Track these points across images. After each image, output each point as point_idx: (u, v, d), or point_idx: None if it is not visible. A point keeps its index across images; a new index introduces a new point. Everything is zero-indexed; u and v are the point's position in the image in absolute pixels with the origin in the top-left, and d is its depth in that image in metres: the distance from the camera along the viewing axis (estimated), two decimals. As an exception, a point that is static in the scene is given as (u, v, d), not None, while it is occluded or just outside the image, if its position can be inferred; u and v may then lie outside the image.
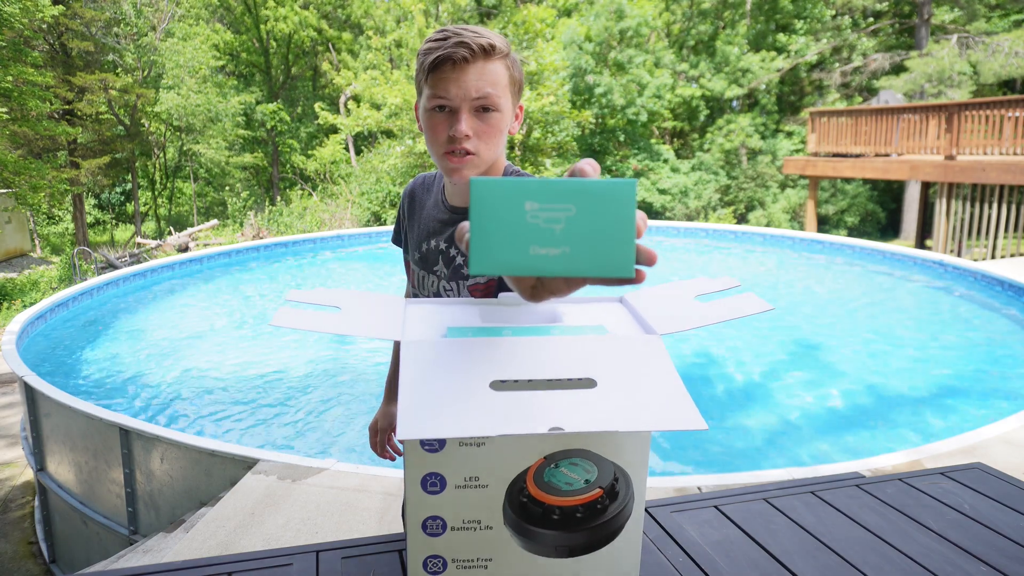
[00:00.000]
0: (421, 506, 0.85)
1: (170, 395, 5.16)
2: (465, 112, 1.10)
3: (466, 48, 1.07)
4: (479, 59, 1.08)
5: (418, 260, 1.31)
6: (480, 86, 1.09)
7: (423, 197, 1.34)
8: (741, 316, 0.96)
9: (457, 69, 1.08)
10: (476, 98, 1.09)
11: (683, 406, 0.76)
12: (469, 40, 1.08)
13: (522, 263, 0.57)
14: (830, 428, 4.46)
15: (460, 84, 1.08)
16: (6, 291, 10.18)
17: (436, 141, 1.13)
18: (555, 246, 0.57)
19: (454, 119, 1.10)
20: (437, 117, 1.12)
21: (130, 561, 2.80)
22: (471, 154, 1.12)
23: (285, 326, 0.89)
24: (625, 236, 0.58)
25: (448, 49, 1.07)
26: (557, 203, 0.56)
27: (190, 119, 16.85)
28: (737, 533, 1.15)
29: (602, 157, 17.48)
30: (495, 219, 0.56)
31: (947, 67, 15.12)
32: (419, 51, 1.13)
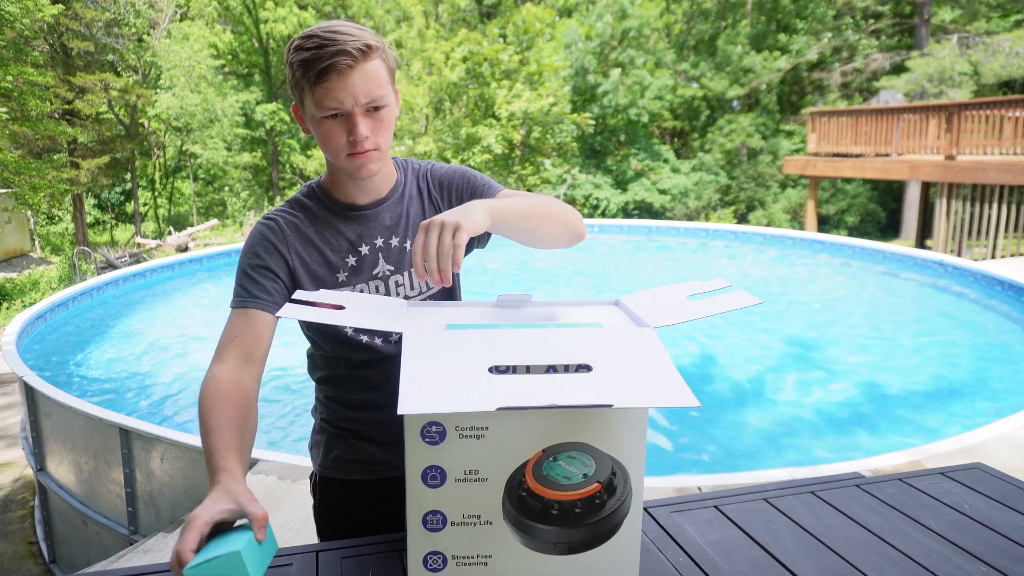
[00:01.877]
0: (422, 501, 0.85)
1: (170, 395, 5.16)
2: (359, 116, 1.11)
3: (347, 56, 1.07)
4: (360, 62, 1.09)
5: (345, 280, 1.24)
6: (368, 89, 1.10)
7: (303, 227, 1.24)
8: (731, 309, 0.96)
9: (343, 77, 1.08)
10: (367, 102, 1.11)
11: (676, 386, 0.77)
12: (347, 45, 1.07)
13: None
14: (830, 428, 4.46)
15: (349, 91, 1.09)
16: (6, 291, 10.18)
17: (335, 146, 1.14)
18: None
19: (349, 124, 1.12)
20: (330, 124, 1.13)
21: (130, 561, 2.80)
22: (373, 149, 1.15)
23: (291, 317, 0.89)
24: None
25: (329, 60, 1.07)
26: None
27: (188, 119, 16.84)
28: (737, 533, 1.15)
29: (602, 157, 17.48)
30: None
31: (947, 67, 15.12)
32: (291, 57, 1.11)
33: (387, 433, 1.32)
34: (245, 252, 1.23)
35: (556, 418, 0.84)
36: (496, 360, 0.81)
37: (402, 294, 1.28)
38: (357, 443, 1.34)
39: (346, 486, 1.37)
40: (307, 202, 1.27)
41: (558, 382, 0.77)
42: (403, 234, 1.28)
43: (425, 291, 1.29)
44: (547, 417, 0.83)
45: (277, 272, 1.21)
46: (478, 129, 15.41)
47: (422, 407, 0.72)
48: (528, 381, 0.77)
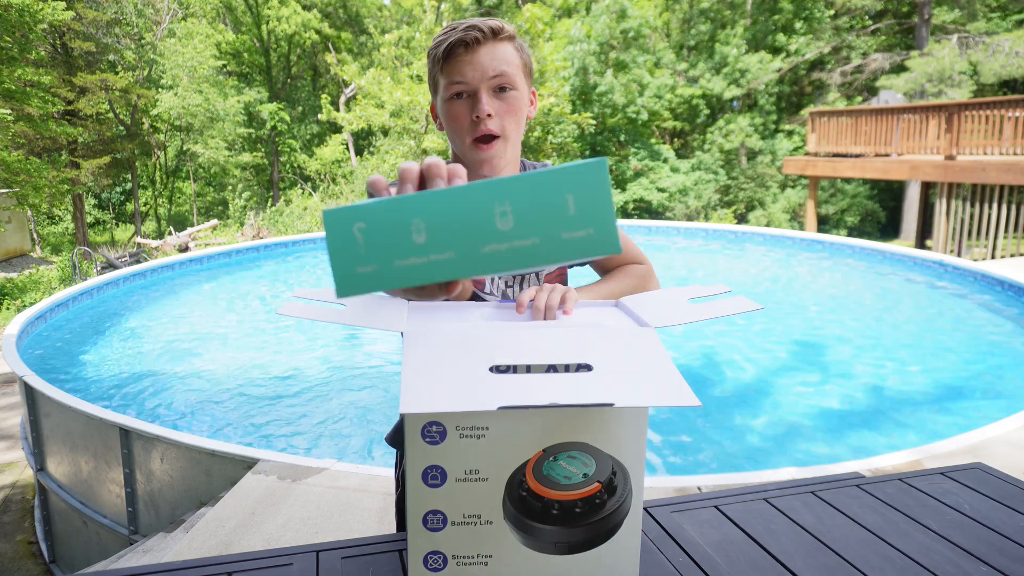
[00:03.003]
0: (422, 500, 0.85)
1: (170, 395, 5.16)
2: (484, 93, 1.10)
3: (476, 30, 1.09)
4: (489, 40, 1.10)
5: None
6: (495, 65, 1.10)
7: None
8: (732, 313, 0.97)
9: (470, 51, 1.09)
10: (493, 76, 1.10)
11: (677, 385, 0.77)
12: (479, 24, 1.10)
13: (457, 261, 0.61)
14: (830, 428, 4.46)
15: (475, 65, 1.09)
16: (6, 291, 10.18)
17: (459, 129, 1.13)
18: (507, 240, 0.60)
19: (474, 101, 1.11)
20: (457, 105, 1.12)
21: (130, 561, 2.80)
22: (497, 137, 1.12)
23: (292, 315, 0.89)
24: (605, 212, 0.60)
25: (459, 34, 1.09)
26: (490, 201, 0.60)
27: (189, 119, 16.85)
28: (737, 533, 1.15)
29: (603, 157, 17.48)
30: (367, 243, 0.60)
31: (947, 67, 15.12)
32: (429, 50, 1.14)
33: None
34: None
35: (557, 418, 0.84)
36: (497, 359, 0.81)
37: (512, 294, 1.26)
38: None
39: None
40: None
41: (559, 381, 0.78)
42: None
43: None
44: (547, 417, 0.83)
45: None
46: (479, 128, 15.38)
47: (423, 407, 0.72)
48: (529, 380, 0.77)
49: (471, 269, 0.60)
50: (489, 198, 0.59)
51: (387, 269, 0.60)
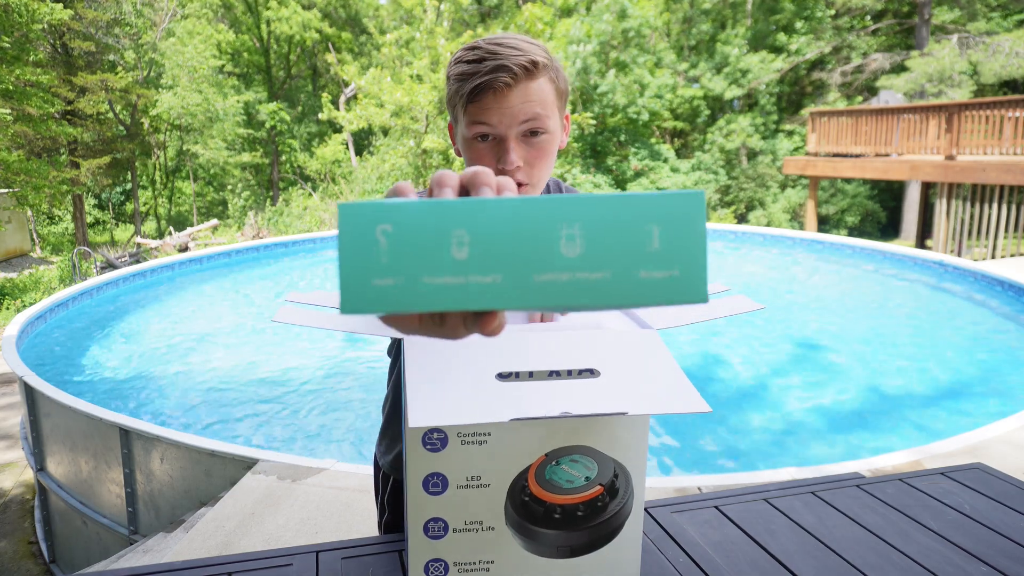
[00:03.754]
0: (423, 508, 0.85)
1: (170, 395, 5.16)
2: (512, 141, 0.99)
3: (507, 72, 0.96)
4: (522, 80, 0.97)
5: None
6: (526, 109, 0.98)
7: None
8: (734, 314, 0.96)
9: (499, 96, 0.97)
10: (523, 122, 0.99)
11: (686, 391, 0.77)
12: (508, 61, 0.96)
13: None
14: (830, 428, 4.46)
15: (504, 112, 0.97)
16: (6, 291, 10.18)
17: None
18: (570, 270, 0.48)
19: (501, 149, 0.99)
20: (481, 147, 1.01)
21: (130, 561, 2.80)
22: (523, 185, 1.03)
23: (287, 322, 0.89)
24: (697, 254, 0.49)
25: (486, 76, 0.96)
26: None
27: (189, 119, 16.85)
28: (737, 533, 1.15)
29: (602, 157, 17.48)
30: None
31: (947, 67, 15.12)
32: (450, 70, 1.02)
33: None
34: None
35: (559, 423, 0.84)
36: (502, 366, 0.81)
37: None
38: None
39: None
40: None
41: (568, 389, 0.77)
42: None
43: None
44: (550, 422, 0.83)
45: None
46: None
47: (433, 419, 0.71)
48: (537, 388, 0.77)
49: (520, 299, 0.49)
50: (556, 216, 0.48)
51: (412, 285, 0.47)
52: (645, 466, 0.88)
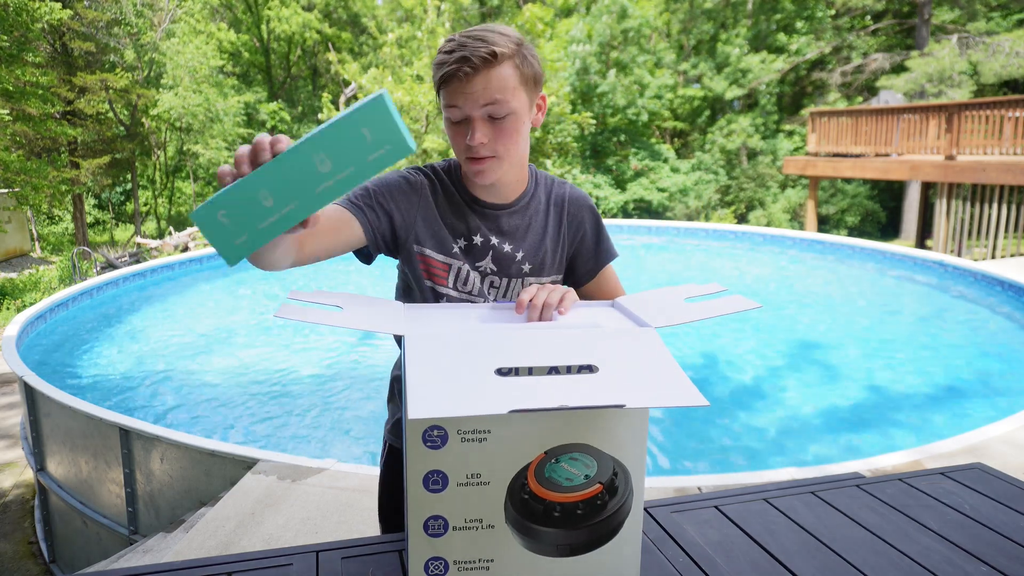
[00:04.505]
0: (423, 506, 0.84)
1: (170, 395, 5.16)
2: (478, 121, 1.14)
3: (467, 63, 1.11)
4: (482, 69, 1.11)
5: (458, 253, 1.27)
6: (488, 95, 1.12)
7: (440, 194, 1.30)
8: (731, 312, 0.96)
9: (464, 82, 1.12)
10: (484, 105, 1.13)
11: (684, 386, 0.77)
12: (471, 53, 1.11)
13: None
14: (830, 428, 4.46)
15: (467, 96, 1.13)
16: (6, 291, 10.18)
17: (457, 148, 1.19)
18: (331, 178, 0.78)
19: (469, 128, 1.15)
20: (455, 128, 1.17)
21: (130, 561, 2.80)
22: (491, 157, 1.18)
23: (289, 318, 0.89)
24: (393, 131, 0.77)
25: (452, 66, 1.11)
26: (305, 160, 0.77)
27: (189, 119, 16.85)
28: (737, 533, 1.15)
29: (603, 157, 17.48)
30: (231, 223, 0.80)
31: (947, 67, 15.11)
32: (435, 59, 1.17)
33: None
34: (379, 178, 1.27)
35: (558, 420, 0.84)
36: (502, 362, 0.81)
37: (493, 296, 1.30)
38: None
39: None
40: (443, 176, 1.31)
41: (566, 383, 0.77)
42: (518, 243, 1.30)
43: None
44: (549, 419, 0.83)
45: (391, 212, 1.24)
46: (481, 128, 15.38)
47: (433, 411, 0.72)
48: (536, 383, 0.77)
49: (313, 208, 0.80)
50: (307, 153, 0.76)
51: (255, 233, 0.79)
52: (644, 464, 0.88)
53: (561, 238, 1.34)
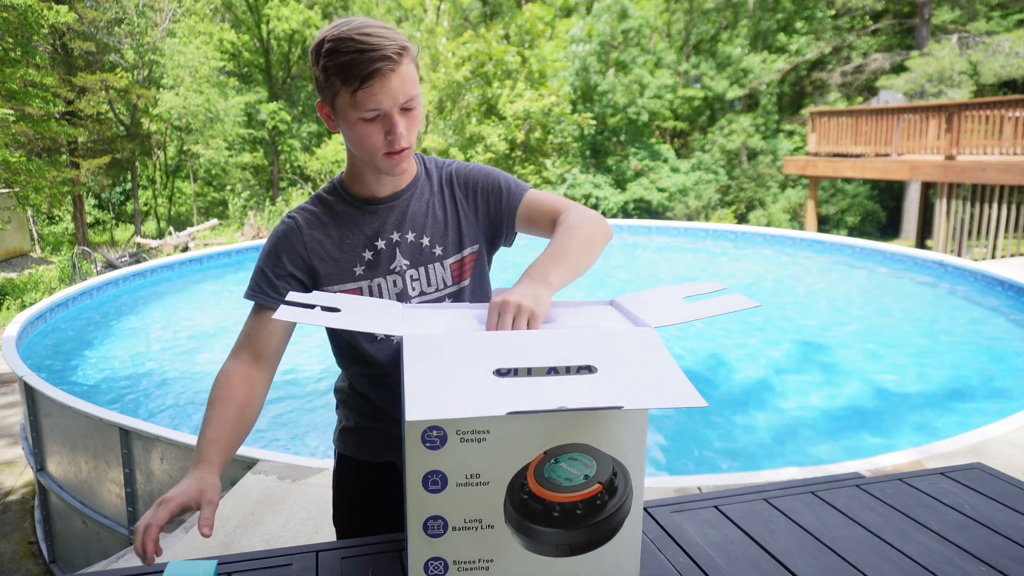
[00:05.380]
0: (422, 506, 0.84)
1: (170, 395, 5.16)
2: (396, 116, 1.15)
3: (388, 61, 1.10)
4: (398, 65, 1.12)
5: (362, 274, 1.27)
6: (405, 90, 1.13)
7: (323, 223, 1.27)
8: (730, 311, 0.96)
9: (385, 81, 1.11)
10: (404, 102, 1.14)
11: (682, 386, 0.77)
12: (386, 50, 1.10)
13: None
14: (830, 428, 4.46)
15: (388, 93, 1.12)
16: (6, 291, 10.18)
17: (372, 146, 1.17)
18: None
19: (388, 124, 1.15)
20: (368, 126, 1.15)
21: (130, 561, 2.80)
22: (407, 148, 1.19)
23: (287, 319, 0.89)
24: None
25: (373, 65, 1.09)
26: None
27: (190, 119, 16.85)
28: (737, 533, 1.15)
29: (603, 157, 17.48)
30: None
31: (947, 67, 15.11)
32: (323, 60, 1.12)
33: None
34: (265, 249, 1.28)
35: (558, 420, 0.83)
36: (500, 363, 0.81)
37: (418, 289, 1.29)
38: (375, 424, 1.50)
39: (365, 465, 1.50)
40: (328, 198, 1.30)
41: (565, 384, 0.77)
42: (419, 229, 1.30)
43: (442, 288, 1.30)
44: (549, 419, 0.83)
45: (294, 272, 1.26)
46: (482, 128, 15.44)
47: (431, 413, 0.71)
48: (535, 384, 0.77)
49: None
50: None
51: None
52: (644, 464, 0.88)
53: (460, 210, 1.32)
